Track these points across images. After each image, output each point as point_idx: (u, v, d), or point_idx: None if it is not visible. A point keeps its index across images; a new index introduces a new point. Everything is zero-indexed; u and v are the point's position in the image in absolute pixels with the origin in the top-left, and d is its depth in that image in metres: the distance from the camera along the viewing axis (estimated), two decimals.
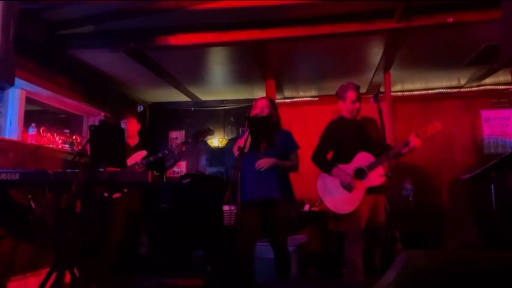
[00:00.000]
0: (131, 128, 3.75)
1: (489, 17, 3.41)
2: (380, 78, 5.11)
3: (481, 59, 4.47)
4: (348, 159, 3.06)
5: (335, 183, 3.04)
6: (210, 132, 3.68)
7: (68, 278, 2.72)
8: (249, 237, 2.97)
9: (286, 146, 3.10)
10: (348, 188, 2.99)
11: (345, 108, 3.17)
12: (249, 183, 2.96)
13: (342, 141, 3.12)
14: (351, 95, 3.11)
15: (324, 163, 3.13)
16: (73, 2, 3.52)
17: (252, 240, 3.00)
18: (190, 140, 3.65)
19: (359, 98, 3.14)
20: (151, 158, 3.50)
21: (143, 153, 3.58)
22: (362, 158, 3.01)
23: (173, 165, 3.70)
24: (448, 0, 3.51)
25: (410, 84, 5.58)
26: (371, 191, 2.98)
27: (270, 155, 2.94)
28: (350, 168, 3.03)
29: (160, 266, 4.58)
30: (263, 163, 2.93)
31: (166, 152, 3.53)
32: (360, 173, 3.00)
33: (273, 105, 3.17)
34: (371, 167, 2.97)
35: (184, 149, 3.58)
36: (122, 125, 3.73)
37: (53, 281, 2.59)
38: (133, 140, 3.77)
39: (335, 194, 3.03)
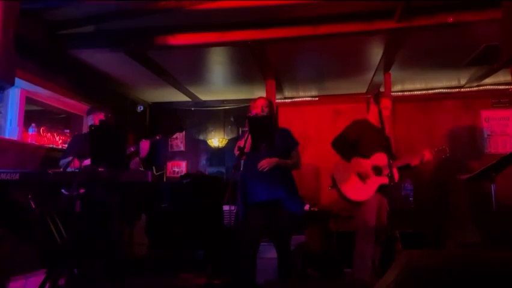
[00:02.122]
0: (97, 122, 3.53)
1: (489, 17, 3.41)
2: (380, 78, 5.11)
3: (481, 59, 4.47)
4: (367, 156, 3.23)
5: (352, 172, 3.22)
6: (180, 129, 3.62)
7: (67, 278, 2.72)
8: (252, 237, 2.97)
9: (286, 144, 3.10)
10: (364, 176, 3.17)
11: (375, 111, 3.25)
12: (253, 184, 2.96)
13: (364, 138, 3.27)
14: (386, 102, 3.34)
15: (345, 149, 3.28)
16: (73, 2, 3.51)
17: (255, 240, 3.01)
18: (158, 138, 3.46)
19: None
20: None
21: None
22: (380, 158, 3.18)
23: (140, 163, 3.53)
24: (448, 0, 3.52)
25: (410, 84, 5.58)
26: (380, 189, 3.15)
27: (271, 155, 2.94)
28: (368, 163, 3.21)
29: (160, 266, 4.58)
30: (265, 164, 2.93)
31: (132, 149, 3.37)
32: (377, 170, 3.20)
33: (271, 105, 3.17)
34: (387, 166, 3.07)
35: (148, 145, 3.39)
36: (90, 120, 3.56)
37: (53, 281, 2.59)
38: None
39: (350, 182, 3.22)
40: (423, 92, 5.64)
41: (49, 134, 4.34)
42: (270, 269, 3.14)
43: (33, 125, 4.07)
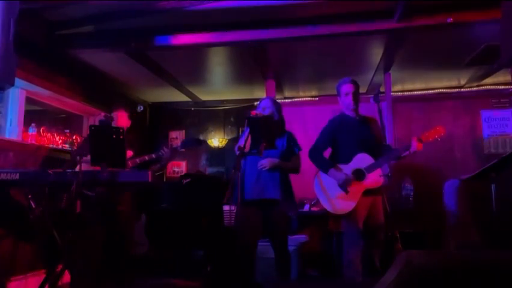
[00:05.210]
0: (122, 121, 3.62)
1: (489, 17, 3.42)
2: (380, 78, 5.11)
3: (481, 59, 4.47)
4: (347, 160, 3.01)
5: (332, 183, 2.98)
6: (200, 143, 3.65)
7: (68, 278, 2.72)
8: (251, 236, 2.97)
9: (288, 147, 3.09)
10: (343, 188, 2.94)
11: (341, 102, 3.14)
12: (250, 182, 2.96)
13: (342, 139, 3.07)
14: (344, 88, 3.08)
15: (321, 160, 3.05)
16: (73, 2, 3.52)
17: (254, 239, 3.00)
18: (180, 149, 3.49)
19: (355, 92, 3.08)
20: (137, 160, 3.38)
21: (129, 153, 3.42)
22: (361, 159, 2.97)
23: (159, 170, 3.56)
24: (448, 0, 3.52)
25: (410, 84, 5.58)
26: (368, 192, 2.95)
27: (272, 155, 2.94)
28: (348, 168, 2.97)
29: (160, 266, 4.58)
30: (265, 163, 2.93)
31: (154, 156, 3.39)
32: (358, 174, 2.95)
33: (275, 105, 3.11)
34: (370, 168, 2.93)
35: (172, 155, 3.45)
36: (113, 116, 3.57)
37: (53, 281, 2.59)
38: None
39: (332, 194, 2.98)
40: (423, 92, 5.64)
41: (49, 134, 4.34)
42: (270, 269, 3.14)
43: (33, 125, 4.07)
